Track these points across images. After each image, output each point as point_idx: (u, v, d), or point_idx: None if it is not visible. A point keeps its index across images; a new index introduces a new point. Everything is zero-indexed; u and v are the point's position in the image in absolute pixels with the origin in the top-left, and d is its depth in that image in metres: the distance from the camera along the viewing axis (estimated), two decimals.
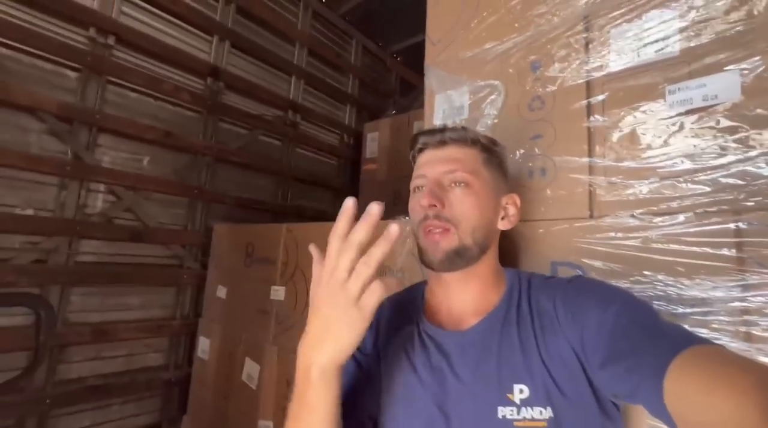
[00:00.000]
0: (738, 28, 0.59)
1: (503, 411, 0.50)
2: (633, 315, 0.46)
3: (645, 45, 0.68)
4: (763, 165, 0.55)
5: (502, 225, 0.62)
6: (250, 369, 1.41)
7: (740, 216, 0.56)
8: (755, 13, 0.58)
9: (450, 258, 0.56)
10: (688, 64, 0.63)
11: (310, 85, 2.46)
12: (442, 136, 0.61)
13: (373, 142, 2.43)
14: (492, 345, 0.55)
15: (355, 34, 2.78)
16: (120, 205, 1.62)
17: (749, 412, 0.31)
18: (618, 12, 0.72)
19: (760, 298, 0.53)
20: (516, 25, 0.86)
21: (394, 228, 0.40)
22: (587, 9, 0.76)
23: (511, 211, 0.63)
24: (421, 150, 0.64)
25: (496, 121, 0.87)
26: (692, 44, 0.63)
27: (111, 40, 1.59)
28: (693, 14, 0.63)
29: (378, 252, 0.41)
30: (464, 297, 0.60)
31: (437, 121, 1.00)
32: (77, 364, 1.51)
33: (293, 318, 1.29)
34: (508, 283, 0.61)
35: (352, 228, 0.42)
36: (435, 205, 0.56)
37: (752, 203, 0.56)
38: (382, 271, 1.06)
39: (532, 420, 0.49)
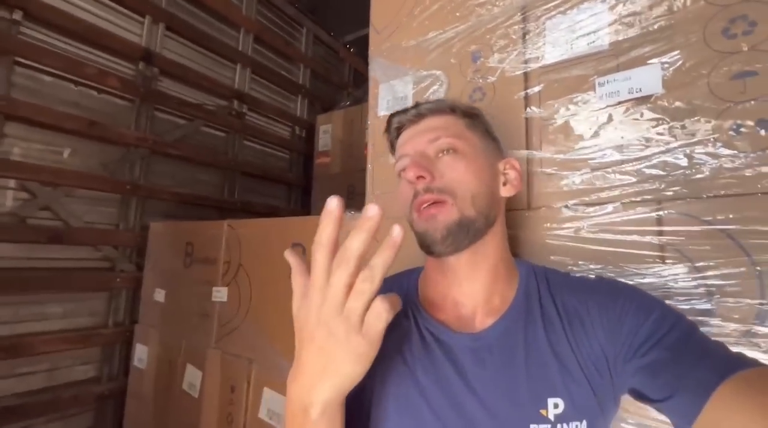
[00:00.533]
0: (660, 23, 0.61)
1: None
2: (677, 325, 0.43)
3: (577, 37, 0.69)
4: (681, 156, 0.58)
5: (505, 192, 0.55)
6: (192, 376, 1.32)
7: (661, 205, 0.58)
8: (675, 8, 0.61)
9: (453, 234, 0.48)
10: (616, 57, 0.65)
11: (257, 74, 2.34)
12: (417, 109, 0.56)
13: (326, 134, 2.36)
14: (517, 352, 0.47)
15: (305, 22, 2.67)
16: (35, 202, 1.44)
17: None
18: (553, 3, 0.72)
19: (681, 283, 0.55)
20: (457, 14, 0.84)
21: (397, 230, 0.34)
22: (525, 0, 0.76)
23: (512, 175, 0.56)
24: (398, 130, 0.58)
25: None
26: (620, 38, 0.65)
27: (18, 15, 1.40)
28: (620, 8, 0.65)
29: (381, 263, 0.34)
30: (473, 288, 0.51)
31: (381, 112, 0.97)
32: None
33: (236, 320, 1.22)
34: (522, 276, 0.53)
35: (350, 236, 0.35)
36: (423, 177, 0.49)
37: (671, 193, 0.58)
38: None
39: None
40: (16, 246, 1.39)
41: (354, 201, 2.18)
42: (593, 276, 0.53)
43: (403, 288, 0.57)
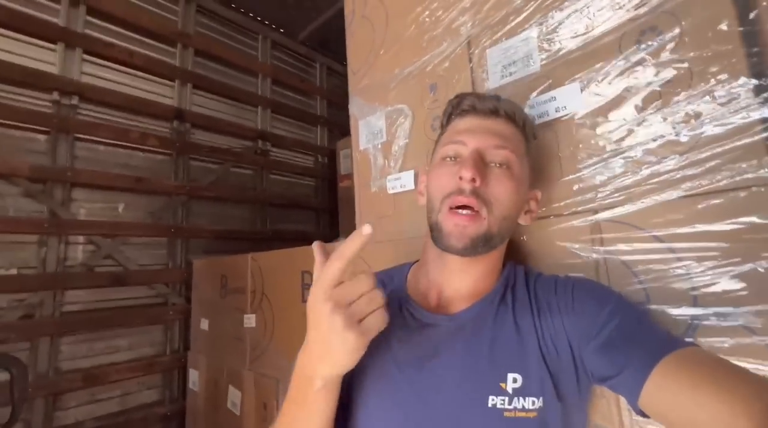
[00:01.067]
0: (581, 41, 0.65)
1: (494, 400, 0.47)
2: (630, 313, 0.48)
3: (513, 62, 0.74)
4: (612, 166, 0.61)
5: (523, 220, 0.59)
6: (233, 396, 1.47)
7: (597, 215, 0.61)
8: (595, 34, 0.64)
9: (476, 245, 0.51)
10: (547, 77, 0.69)
11: (277, 112, 2.55)
12: (496, 103, 0.56)
13: (347, 158, 2.50)
14: (485, 330, 0.52)
15: (317, 57, 2.87)
16: (99, 253, 1.71)
17: (739, 413, 0.34)
18: (491, 37, 0.78)
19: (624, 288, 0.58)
20: (413, 50, 0.92)
21: (367, 228, 0.40)
22: (468, 32, 0.82)
23: (533, 206, 0.60)
24: (463, 113, 0.58)
25: (407, 141, 0.93)
26: (548, 60, 0.69)
27: (75, 100, 1.70)
28: (545, 43, 0.69)
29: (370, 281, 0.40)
30: (462, 283, 0.56)
31: (362, 146, 1.06)
32: (73, 410, 1.59)
33: (264, 344, 1.35)
34: (504, 271, 0.59)
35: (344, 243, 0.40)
36: (476, 179, 0.50)
37: (606, 201, 0.61)
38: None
39: (523, 410, 0.47)
40: (87, 291, 1.66)
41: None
42: (561, 276, 0.57)
43: (394, 281, 0.64)
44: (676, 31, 0.56)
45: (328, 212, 2.76)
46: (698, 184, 0.53)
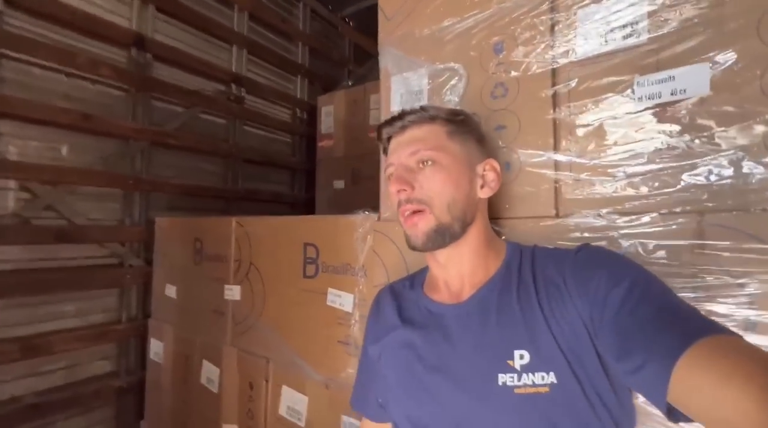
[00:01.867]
0: (706, 12, 0.56)
1: (503, 378, 0.49)
2: (646, 292, 0.44)
3: (612, 30, 0.63)
4: (727, 165, 0.54)
5: (483, 193, 0.61)
6: (209, 372, 1.33)
7: (703, 217, 0.55)
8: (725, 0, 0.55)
9: (432, 239, 0.57)
10: (656, 53, 0.59)
11: (254, 54, 2.24)
12: (401, 122, 0.61)
13: (328, 116, 2.29)
14: (490, 313, 0.54)
15: None
16: (37, 202, 1.41)
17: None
18: None
19: (719, 300, 0.53)
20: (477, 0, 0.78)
21: None
22: None
23: (490, 176, 0.61)
24: (388, 140, 0.65)
25: (459, 108, 0.81)
26: (661, 31, 0.59)
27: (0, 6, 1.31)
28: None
29: None
30: (460, 270, 0.60)
31: (394, 107, 0.91)
32: (10, 383, 1.36)
33: (251, 319, 1.21)
34: (508, 253, 0.60)
35: None
36: (404, 189, 0.57)
37: (714, 204, 0.55)
38: (343, 269, 1.00)
39: (534, 386, 0.48)
40: (23, 247, 1.38)
41: (359, 186, 2.13)
42: (574, 249, 0.55)
43: (414, 283, 0.69)
44: None
45: (304, 173, 2.55)
46: None
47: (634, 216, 0.60)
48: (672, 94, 0.57)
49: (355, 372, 0.95)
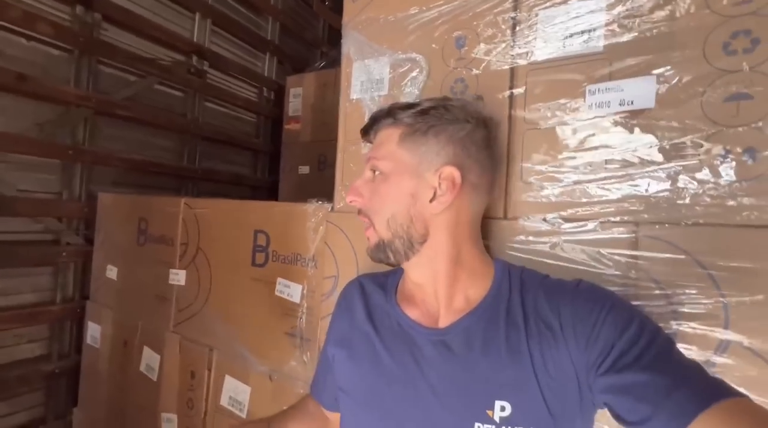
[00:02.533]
0: (661, 28, 0.56)
1: None
2: (655, 341, 0.42)
3: (571, 35, 0.63)
4: (665, 178, 0.55)
5: (433, 208, 0.52)
6: (149, 359, 1.27)
7: (638, 228, 0.56)
8: (677, 14, 0.55)
9: (375, 254, 0.56)
10: (609, 62, 0.59)
11: (219, 26, 2.10)
12: (371, 124, 0.60)
13: (297, 98, 2.20)
14: (474, 352, 0.49)
15: None
16: None
17: None
18: None
19: (648, 309, 0.55)
20: None
21: None
22: None
23: (443, 188, 0.51)
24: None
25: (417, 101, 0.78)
26: (616, 40, 0.59)
27: None
28: (619, 8, 0.59)
29: None
30: (435, 292, 0.54)
31: (354, 95, 0.88)
32: None
33: (196, 306, 1.16)
34: (497, 276, 0.54)
35: None
36: (355, 199, 0.56)
37: (649, 216, 0.56)
38: (293, 259, 0.97)
39: None
40: None
41: (324, 172, 2.08)
42: (571, 281, 0.51)
43: (387, 286, 0.62)
44: None
45: (268, 155, 2.46)
46: (757, 215, 0.50)
47: (577, 223, 0.61)
48: (620, 105, 0.57)
49: (299, 365, 0.94)
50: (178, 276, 1.21)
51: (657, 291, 0.54)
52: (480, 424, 0.46)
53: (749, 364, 0.49)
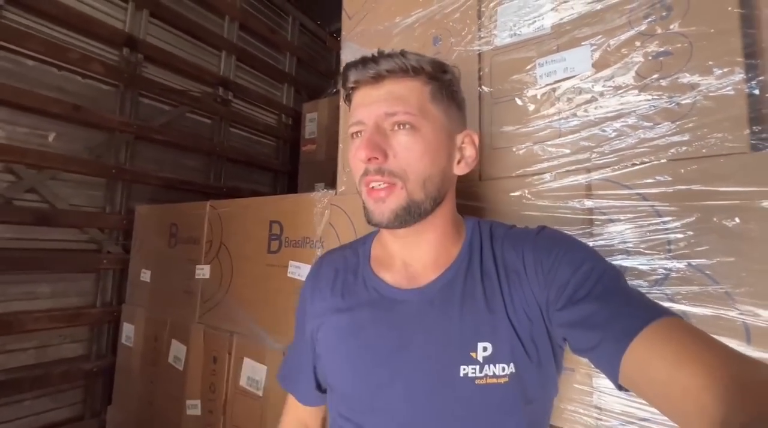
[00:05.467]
0: (594, 6, 0.67)
1: (465, 370, 0.47)
2: (604, 276, 0.45)
3: (524, 23, 0.75)
4: (608, 129, 0.64)
5: (459, 170, 0.54)
6: (177, 350, 1.38)
7: (590, 174, 0.65)
8: None
9: (399, 217, 0.49)
10: (556, 38, 0.70)
11: (242, 61, 2.37)
12: (376, 68, 0.49)
13: (312, 122, 2.40)
14: (453, 302, 0.51)
15: (291, 10, 2.69)
16: (20, 184, 1.48)
17: (705, 385, 0.32)
18: None
19: (601, 241, 0.62)
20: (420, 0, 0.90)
21: None
22: None
23: (469, 151, 0.54)
24: (354, 87, 0.53)
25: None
26: (559, 20, 0.70)
27: None
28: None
29: None
30: (421, 251, 0.54)
31: None
32: None
33: (218, 296, 1.28)
34: (468, 233, 0.56)
35: None
36: (376, 158, 0.48)
37: (598, 162, 0.64)
38: (303, 242, 1.08)
39: (494, 376, 0.47)
40: (3, 226, 1.43)
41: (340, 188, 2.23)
42: (535, 228, 0.54)
43: (358, 255, 0.61)
44: (684, 7, 0.60)
45: (286, 175, 2.65)
46: (685, 149, 0.58)
47: (539, 176, 0.69)
48: (564, 72, 0.67)
49: None
50: (204, 271, 1.34)
51: (610, 224, 0.62)
52: (465, 366, 0.48)
53: (692, 281, 0.55)
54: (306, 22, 2.82)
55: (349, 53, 1.03)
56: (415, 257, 0.55)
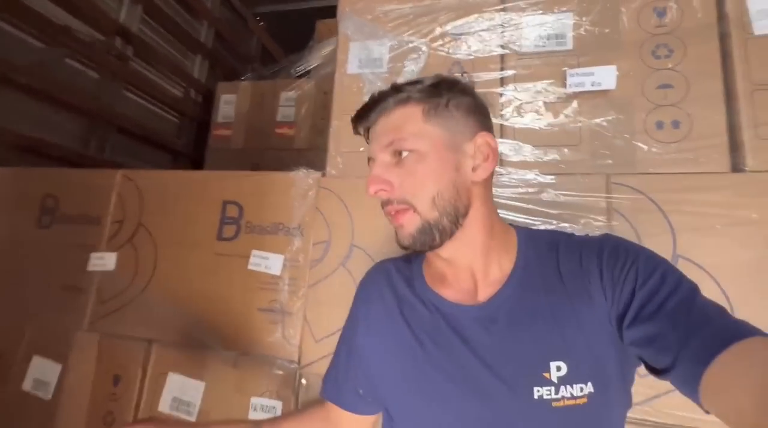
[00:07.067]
0: (613, 37, 0.77)
1: (540, 392, 0.45)
2: (677, 290, 0.42)
3: (548, 36, 0.81)
4: (623, 142, 0.73)
5: (477, 177, 0.51)
6: (41, 372, 0.98)
7: (609, 178, 0.72)
8: (620, 29, 0.77)
9: (418, 240, 0.50)
10: (578, 57, 0.78)
11: (151, 15, 1.94)
12: (372, 107, 0.53)
13: (228, 104, 2.12)
14: (518, 320, 0.49)
15: None
16: None
17: None
18: (528, 2, 0.83)
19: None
20: None
21: None
22: None
23: (484, 152, 0.51)
24: (364, 132, 0.58)
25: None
26: (581, 44, 0.78)
27: None
28: (584, 18, 0.79)
29: None
30: (470, 266, 0.53)
31: (351, 70, 0.93)
32: None
33: (131, 293, 0.97)
34: (520, 243, 0.54)
35: None
36: (383, 190, 0.50)
37: (616, 169, 0.73)
38: (273, 229, 0.91)
39: (572, 398, 0.44)
40: None
41: None
42: (597, 236, 0.52)
43: (411, 268, 0.60)
44: (682, 51, 0.73)
45: (189, 159, 2.24)
46: (684, 163, 0.70)
47: (557, 175, 0.74)
48: (592, 85, 0.75)
49: (278, 342, 0.85)
50: (105, 261, 1.00)
51: (625, 223, 0.70)
52: (539, 388, 0.45)
53: (693, 274, 0.66)
54: None
55: (351, 26, 0.95)
56: (463, 271, 0.54)
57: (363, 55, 0.92)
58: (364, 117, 0.55)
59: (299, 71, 2.17)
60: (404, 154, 0.50)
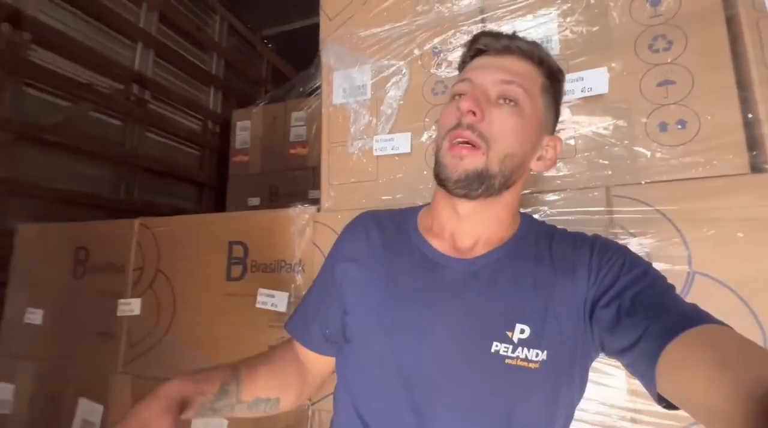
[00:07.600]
0: (602, 34, 0.71)
1: (497, 347, 0.47)
2: (655, 284, 0.45)
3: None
4: (622, 149, 0.67)
5: (536, 167, 0.55)
6: (87, 412, 1.06)
7: (609, 190, 0.67)
8: (611, 24, 0.71)
9: (469, 181, 0.49)
10: (566, 61, 0.73)
11: (162, 57, 2.05)
12: (508, 41, 0.53)
13: (244, 131, 2.19)
14: (499, 279, 0.51)
15: (219, 9, 2.45)
16: None
17: (750, 394, 0.29)
18: (508, 9, 0.78)
19: None
20: (418, 8, 0.86)
21: None
22: (483, 3, 0.81)
23: (550, 154, 0.55)
24: (477, 53, 0.55)
25: (401, 102, 0.86)
26: (568, 46, 0.73)
27: None
28: (570, 19, 0.73)
29: None
30: (474, 228, 0.54)
31: (337, 100, 0.93)
32: None
33: (155, 336, 1.02)
34: (524, 222, 0.57)
35: None
36: (474, 113, 0.48)
37: (616, 180, 0.67)
38: (276, 266, 0.93)
39: (526, 360, 0.46)
40: None
41: (277, 202, 2.04)
42: (588, 235, 0.55)
43: (405, 217, 0.61)
44: (683, 42, 0.66)
45: (213, 189, 2.35)
46: (695, 168, 0.63)
47: (557, 192, 0.70)
48: (582, 91, 0.70)
49: None
50: (131, 306, 1.07)
51: (631, 239, 0.64)
52: (497, 343, 0.47)
53: (714, 292, 0.59)
54: (235, 23, 2.59)
55: (332, 56, 0.94)
56: (466, 232, 0.54)
57: (346, 84, 0.92)
58: (495, 38, 0.53)
59: (310, 89, 2.20)
60: (508, 102, 0.50)
